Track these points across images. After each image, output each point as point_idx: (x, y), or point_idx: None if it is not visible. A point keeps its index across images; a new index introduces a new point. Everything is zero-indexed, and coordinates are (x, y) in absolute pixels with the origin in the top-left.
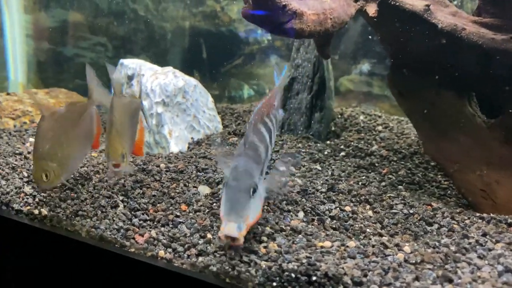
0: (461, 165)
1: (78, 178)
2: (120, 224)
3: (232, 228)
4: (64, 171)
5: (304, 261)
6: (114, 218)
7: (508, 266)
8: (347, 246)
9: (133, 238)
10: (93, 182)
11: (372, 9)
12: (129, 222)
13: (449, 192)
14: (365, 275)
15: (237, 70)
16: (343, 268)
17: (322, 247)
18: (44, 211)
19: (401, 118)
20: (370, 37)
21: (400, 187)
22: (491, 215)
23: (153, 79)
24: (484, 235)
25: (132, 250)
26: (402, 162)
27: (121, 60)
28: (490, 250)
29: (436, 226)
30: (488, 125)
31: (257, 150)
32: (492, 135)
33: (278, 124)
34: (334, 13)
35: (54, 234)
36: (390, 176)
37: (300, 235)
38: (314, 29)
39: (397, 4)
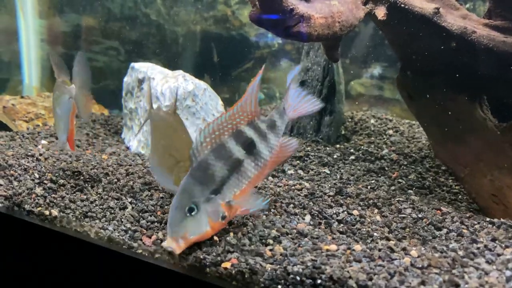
0: (472, 169)
1: (88, 180)
2: (128, 225)
3: (169, 242)
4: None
5: (309, 264)
6: (122, 220)
7: None
8: (353, 250)
9: (141, 240)
10: (103, 184)
11: (381, 12)
12: (136, 224)
13: (460, 196)
14: (371, 279)
15: (248, 74)
16: (348, 271)
17: (327, 250)
18: (55, 212)
19: (412, 122)
20: (380, 40)
21: (410, 191)
22: (502, 220)
23: (163, 83)
24: (493, 240)
25: (140, 251)
26: (413, 166)
27: (132, 64)
28: (499, 255)
29: (445, 230)
30: (500, 129)
31: (206, 169)
32: (503, 139)
33: (280, 128)
34: (342, 17)
35: (63, 234)
36: (400, 180)
37: (306, 238)
38: (322, 32)
39: (407, 7)
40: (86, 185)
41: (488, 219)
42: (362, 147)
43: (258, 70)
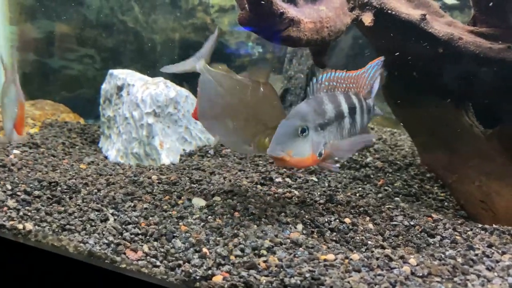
0: (460, 175)
1: (66, 190)
2: (111, 238)
3: (272, 150)
4: None
5: (307, 275)
6: (104, 232)
7: None
8: (351, 259)
9: (124, 253)
10: (82, 194)
11: (368, 19)
12: (119, 237)
13: (446, 203)
14: None
15: None
16: (348, 282)
17: (325, 260)
18: (29, 226)
19: (394, 130)
20: (360, 49)
21: (397, 198)
22: (494, 226)
23: (143, 89)
24: (490, 246)
25: (123, 266)
26: (398, 174)
27: (110, 71)
28: (497, 261)
29: (438, 238)
30: (486, 135)
31: (321, 103)
32: (490, 145)
33: (368, 116)
34: (330, 22)
35: (39, 250)
36: (386, 187)
37: (301, 248)
38: (311, 37)
39: (393, 13)
40: (64, 196)
41: (480, 225)
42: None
43: None
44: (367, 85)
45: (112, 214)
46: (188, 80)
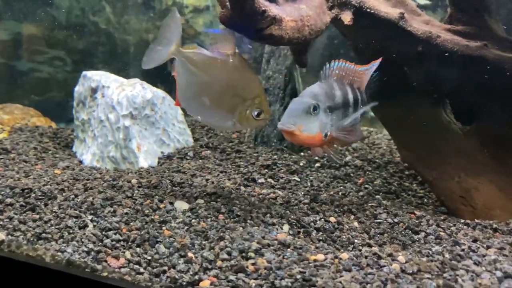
0: (440, 172)
1: (40, 197)
2: (90, 246)
3: (283, 121)
4: None
5: (298, 276)
6: (83, 240)
7: (507, 271)
8: (341, 259)
9: (105, 261)
10: (58, 201)
11: (347, 17)
12: (100, 244)
13: (425, 200)
14: None
15: None
16: (340, 282)
17: (315, 260)
18: (1, 235)
19: (370, 129)
20: (335, 50)
21: (377, 196)
22: (476, 221)
23: (119, 91)
24: (475, 241)
25: (105, 274)
26: (377, 172)
27: (84, 72)
28: (484, 256)
29: (423, 234)
30: (464, 132)
31: (332, 88)
32: (468, 142)
33: (359, 110)
34: (311, 20)
35: (12, 260)
36: (366, 186)
37: (289, 249)
38: (293, 36)
39: (372, 11)
40: (39, 203)
41: (462, 220)
42: (326, 154)
43: None
44: (368, 82)
45: (91, 220)
46: (164, 81)
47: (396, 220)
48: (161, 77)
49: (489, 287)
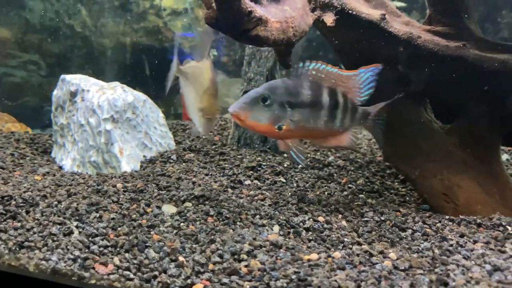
0: (423, 170)
1: (21, 204)
2: (77, 253)
3: (233, 109)
4: None
5: (293, 276)
6: (68, 247)
7: (496, 264)
8: (334, 257)
9: (93, 268)
10: (40, 208)
11: (329, 19)
12: (86, 250)
13: (408, 198)
14: (359, 286)
15: None
16: (336, 280)
17: (309, 260)
18: None
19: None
20: (314, 51)
21: (361, 195)
22: (460, 217)
23: (100, 94)
24: (462, 236)
25: (93, 281)
26: (360, 171)
27: (62, 76)
28: (472, 250)
29: (410, 231)
30: (445, 130)
31: (299, 86)
32: (449, 140)
33: (352, 119)
34: (295, 22)
35: None
36: (350, 185)
37: (282, 250)
38: (278, 37)
39: (354, 13)
40: (20, 210)
41: (447, 217)
42: (308, 155)
43: None
44: (358, 89)
45: (77, 227)
46: (142, 84)
47: (382, 218)
48: (139, 80)
49: (480, 280)
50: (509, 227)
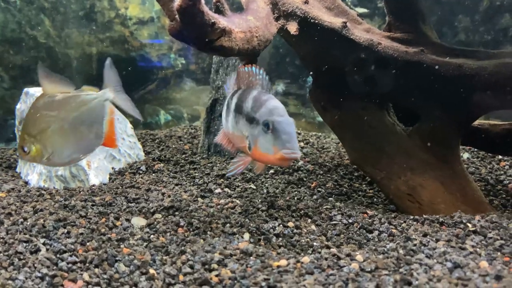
0: (388, 172)
1: None
2: (44, 270)
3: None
4: (47, 152)
5: (263, 284)
6: (35, 265)
7: (456, 261)
8: (302, 262)
9: (62, 285)
10: (5, 226)
11: (293, 27)
12: (55, 267)
13: (375, 199)
14: None
15: (152, 95)
16: (304, 285)
17: (278, 266)
18: None
19: (319, 134)
20: (281, 58)
21: (330, 198)
22: (424, 216)
23: None
24: (425, 235)
25: None
26: (328, 175)
27: (26, 89)
28: (434, 249)
29: (376, 232)
30: (407, 133)
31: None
32: (411, 142)
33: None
34: (259, 31)
35: None
36: (319, 189)
37: (252, 257)
38: (243, 47)
39: (316, 21)
40: None
41: (411, 217)
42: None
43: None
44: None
45: (44, 244)
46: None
47: (350, 221)
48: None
49: (441, 277)
50: (469, 224)
